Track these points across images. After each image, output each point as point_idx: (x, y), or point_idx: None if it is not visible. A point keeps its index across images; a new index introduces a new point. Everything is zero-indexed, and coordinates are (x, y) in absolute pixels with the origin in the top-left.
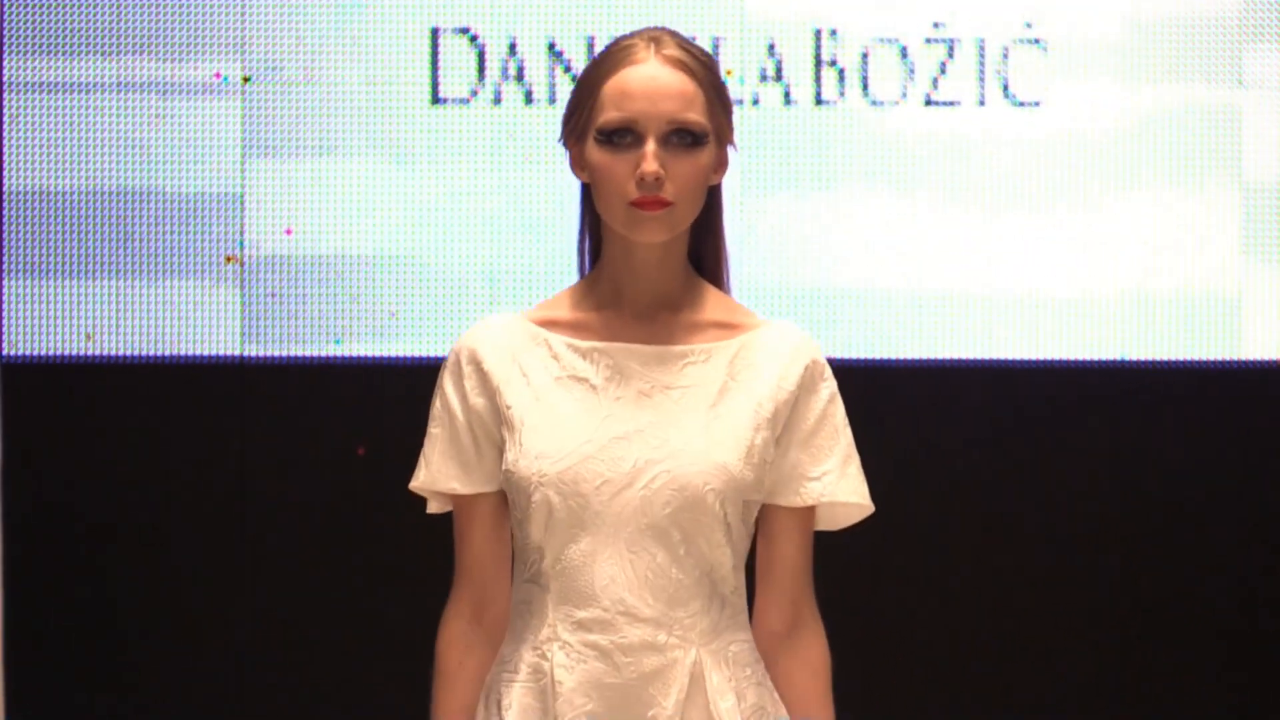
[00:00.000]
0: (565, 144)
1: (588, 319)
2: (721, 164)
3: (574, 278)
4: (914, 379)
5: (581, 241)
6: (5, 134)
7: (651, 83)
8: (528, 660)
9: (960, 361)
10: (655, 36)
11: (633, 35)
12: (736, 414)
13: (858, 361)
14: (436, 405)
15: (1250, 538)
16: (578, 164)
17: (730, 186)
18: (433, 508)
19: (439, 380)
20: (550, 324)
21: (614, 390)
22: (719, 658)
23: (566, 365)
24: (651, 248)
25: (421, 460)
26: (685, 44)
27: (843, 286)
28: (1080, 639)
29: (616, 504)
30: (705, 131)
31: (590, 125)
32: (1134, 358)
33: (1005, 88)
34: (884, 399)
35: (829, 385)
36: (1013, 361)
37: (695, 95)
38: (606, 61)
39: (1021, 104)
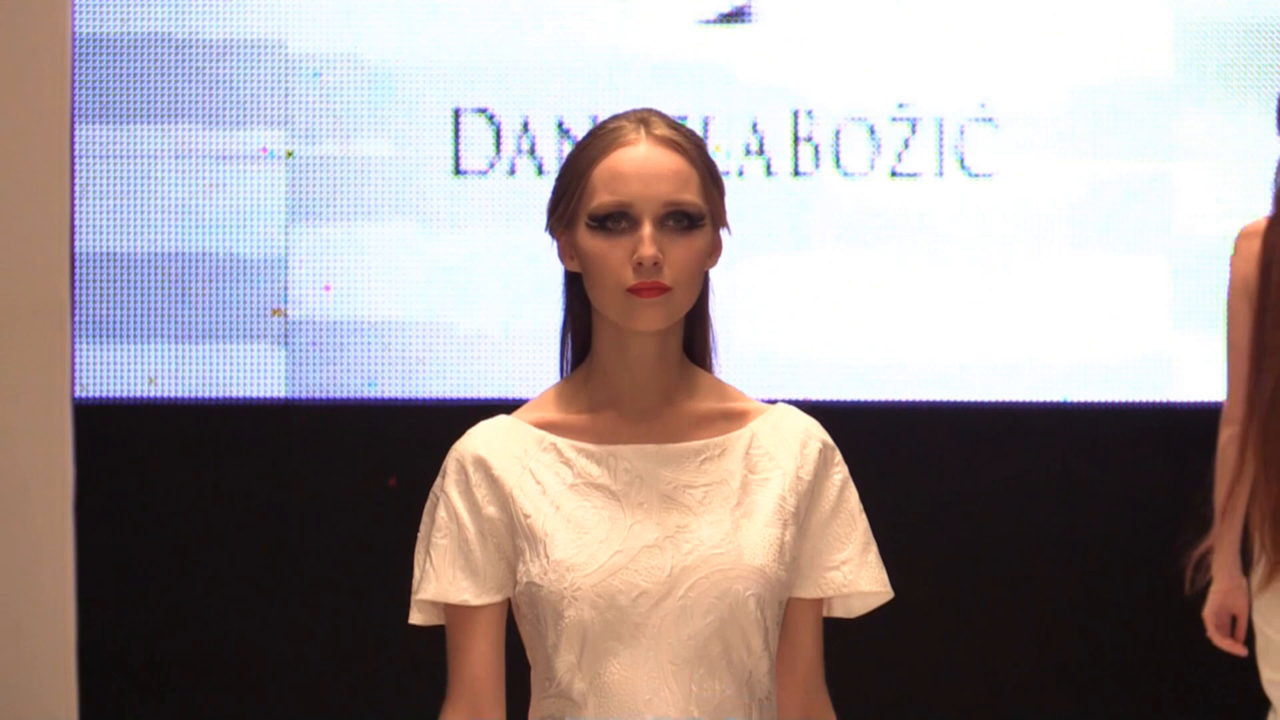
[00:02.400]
0: (551, 233)
1: (589, 421)
2: (716, 248)
3: None
4: (877, 418)
5: (565, 336)
6: (77, 200)
7: (645, 164)
8: None
9: (917, 403)
10: (643, 117)
11: (619, 117)
12: (762, 511)
13: (829, 402)
14: (441, 515)
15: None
16: (566, 253)
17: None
18: (416, 619)
19: (440, 489)
20: (551, 426)
21: (635, 495)
22: None
23: (580, 471)
24: (648, 339)
25: (429, 571)
26: (675, 124)
27: (816, 337)
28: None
29: (655, 616)
30: (702, 213)
31: (581, 211)
32: (1076, 399)
33: (961, 161)
34: (849, 437)
35: (841, 469)
36: (967, 403)
37: (690, 175)
38: (594, 145)
39: (976, 175)
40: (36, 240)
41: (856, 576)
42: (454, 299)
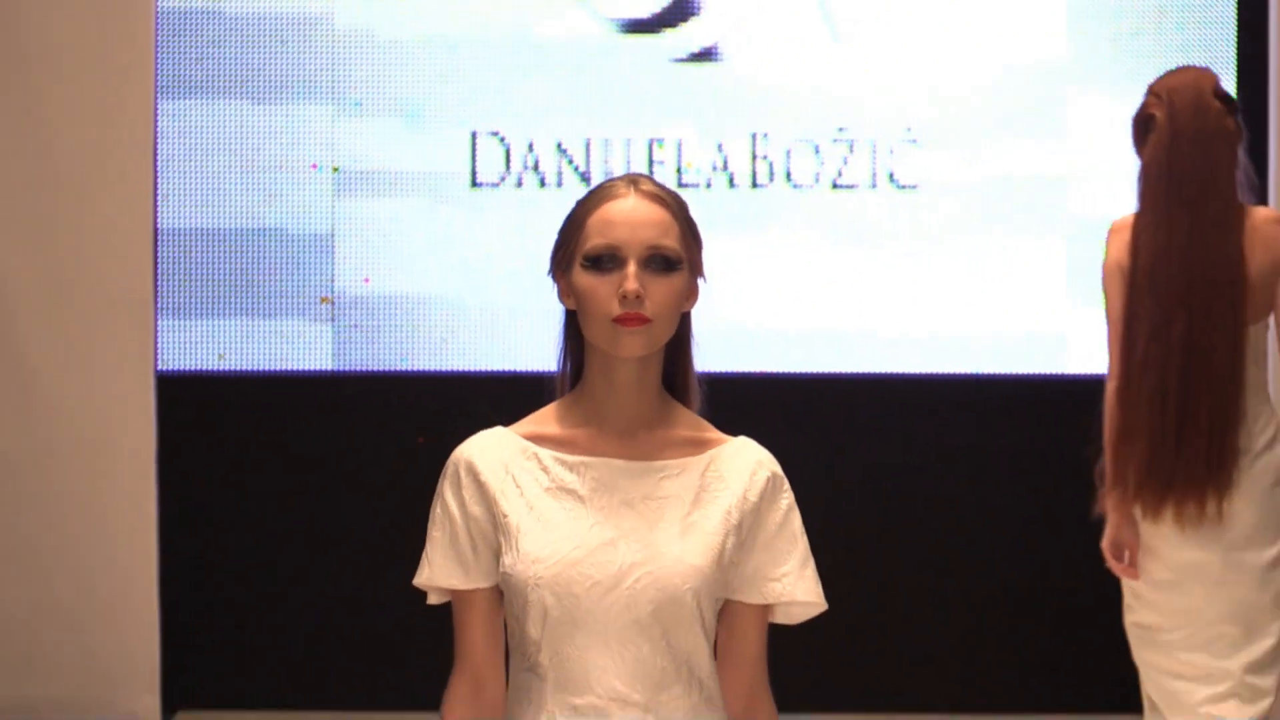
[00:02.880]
0: (553, 277)
1: (572, 435)
2: (693, 292)
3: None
4: (823, 388)
5: (562, 365)
6: (160, 178)
7: (632, 213)
8: None
9: (853, 374)
10: (633, 178)
11: (614, 179)
12: (708, 521)
13: (776, 374)
14: (437, 510)
15: (1063, 512)
16: (564, 293)
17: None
18: (433, 599)
19: (439, 489)
20: (538, 439)
21: (599, 500)
22: None
23: (555, 478)
24: (631, 366)
25: (424, 560)
26: (660, 185)
27: (770, 312)
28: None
29: (605, 602)
30: (680, 258)
31: (577, 254)
32: (986, 371)
33: (891, 176)
34: (793, 405)
35: (787, 496)
36: (891, 374)
37: (670, 225)
38: (590, 200)
39: (903, 187)
40: (124, 220)
41: (795, 588)
42: (471, 288)
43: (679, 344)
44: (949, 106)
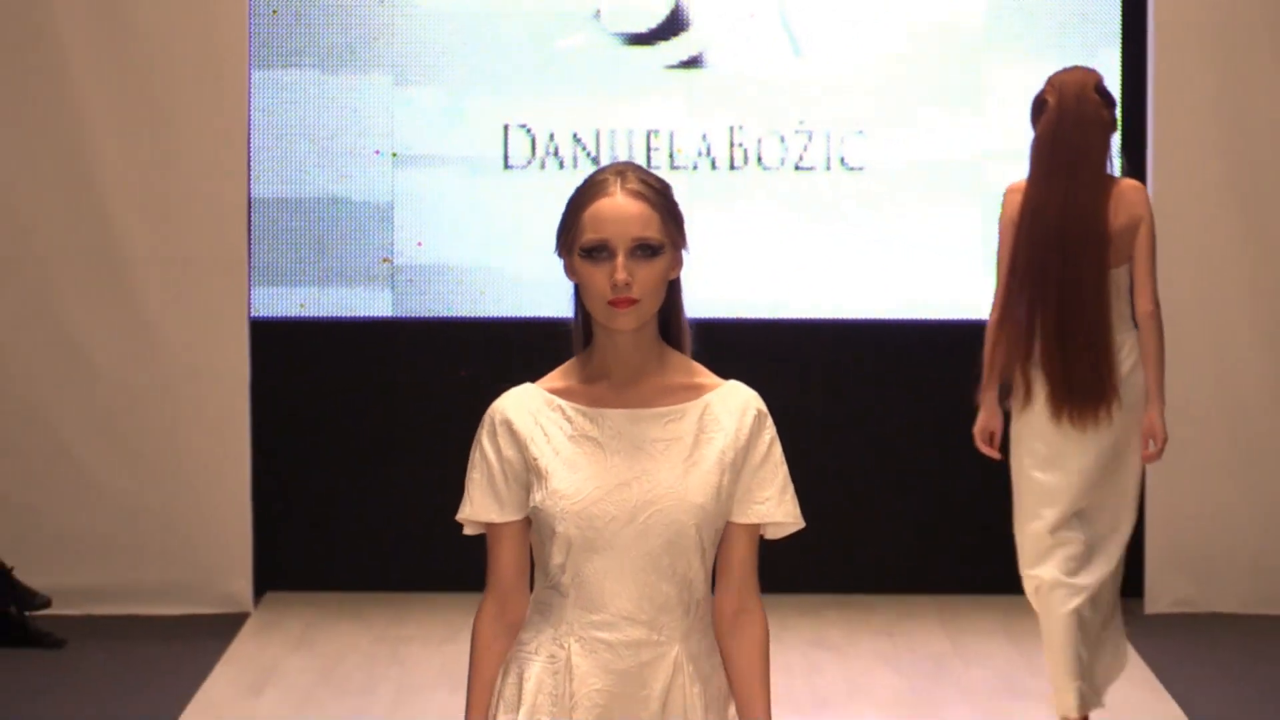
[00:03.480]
0: (559, 254)
1: (588, 389)
2: (677, 263)
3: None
4: (783, 330)
5: (576, 327)
6: (252, 146)
7: (619, 211)
8: (547, 648)
9: (812, 320)
10: (621, 171)
11: (605, 170)
12: (707, 462)
13: (751, 320)
14: (476, 456)
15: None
16: (570, 270)
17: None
18: (469, 531)
19: (478, 438)
20: (560, 392)
21: (615, 445)
22: (691, 652)
23: (577, 426)
24: (626, 334)
25: (465, 499)
26: (644, 176)
27: (746, 269)
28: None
29: (621, 535)
30: (661, 244)
31: (576, 243)
32: (918, 317)
33: (841, 160)
34: (763, 344)
35: (770, 430)
36: (842, 320)
37: (651, 217)
38: (587, 193)
39: (851, 168)
40: (223, 193)
41: (776, 509)
42: (503, 251)
43: (672, 302)
44: (887, 102)
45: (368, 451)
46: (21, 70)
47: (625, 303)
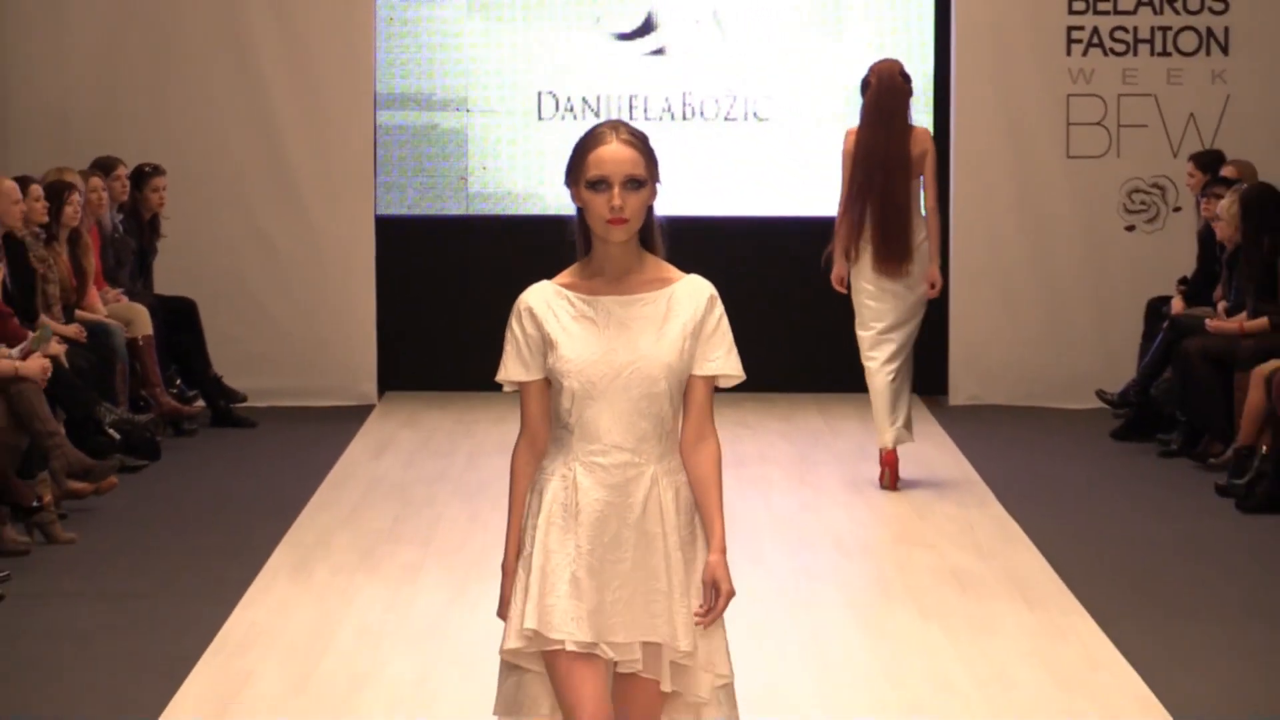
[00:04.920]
0: (568, 185)
1: (587, 284)
2: (654, 194)
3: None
4: (723, 224)
5: (579, 239)
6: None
7: (615, 154)
8: (560, 471)
9: (742, 216)
10: (615, 126)
11: (602, 125)
12: (673, 332)
13: (696, 217)
14: (509, 333)
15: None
16: (576, 197)
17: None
18: (506, 389)
19: (510, 322)
20: (567, 286)
21: (605, 323)
22: (663, 470)
23: (579, 310)
24: (618, 243)
25: (502, 365)
26: (631, 130)
27: (690, 188)
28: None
29: (612, 387)
30: (645, 180)
31: (582, 178)
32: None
33: (756, 114)
34: (707, 233)
35: (719, 307)
36: (763, 217)
37: (638, 160)
38: (589, 141)
39: (762, 119)
40: (354, 122)
41: (724, 365)
42: (539, 177)
43: (649, 222)
44: (796, 77)
45: (449, 298)
46: (219, 49)
47: (619, 222)
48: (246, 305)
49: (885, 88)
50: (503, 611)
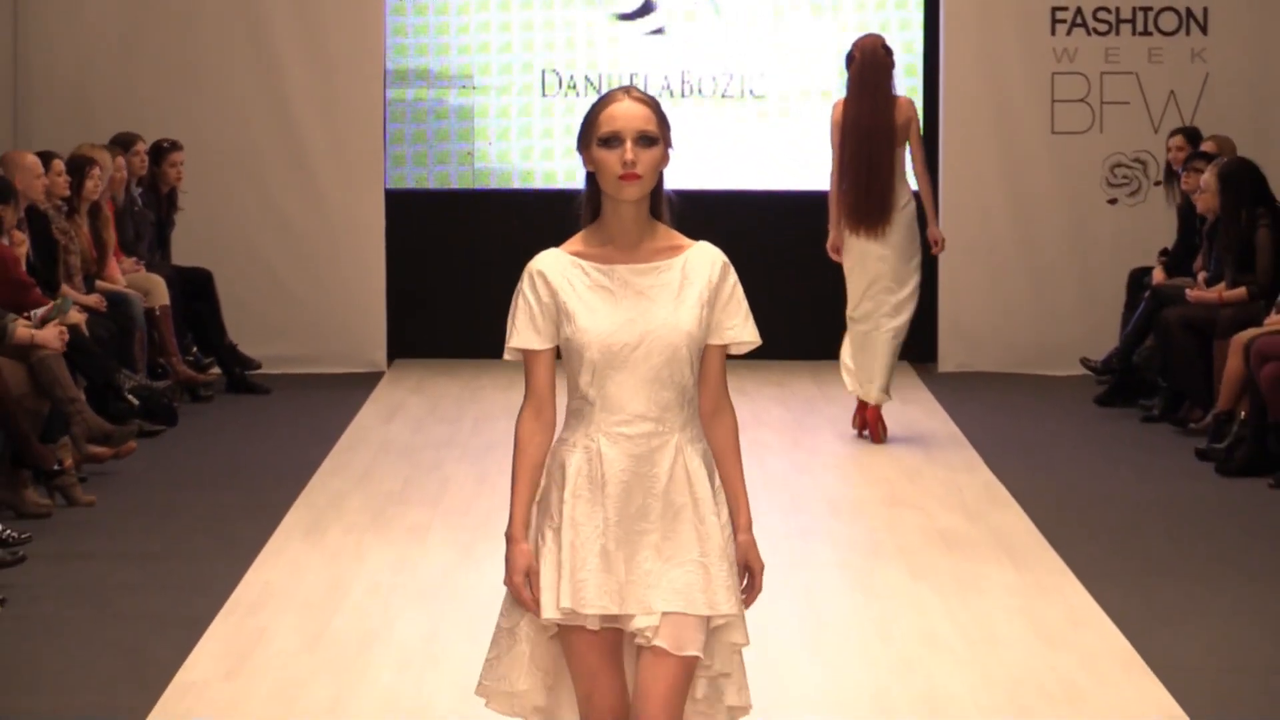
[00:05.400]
0: (579, 149)
1: (600, 251)
2: (666, 157)
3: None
4: (724, 200)
5: (586, 207)
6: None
7: (627, 110)
8: (581, 443)
9: (742, 190)
10: (627, 89)
11: (614, 90)
12: (690, 300)
13: (697, 189)
14: (519, 300)
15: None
16: (587, 161)
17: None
18: (508, 357)
19: (520, 288)
20: (579, 254)
21: (622, 292)
22: (687, 438)
23: (594, 279)
24: (630, 204)
25: (511, 331)
26: (642, 91)
27: (690, 161)
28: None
29: (632, 357)
30: (657, 137)
31: (594, 137)
32: (806, 188)
33: (752, 92)
34: (709, 205)
35: (733, 275)
36: (765, 190)
37: (650, 117)
38: (601, 103)
39: (759, 97)
40: (364, 101)
41: (741, 332)
42: (545, 156)
43: (658, 189)
44: (786, 55)
45: (456, 269)
46: (237, 41)
47: (631, 177)
48: (260, 276)
49: (869, 61)
50: (510, 579)
